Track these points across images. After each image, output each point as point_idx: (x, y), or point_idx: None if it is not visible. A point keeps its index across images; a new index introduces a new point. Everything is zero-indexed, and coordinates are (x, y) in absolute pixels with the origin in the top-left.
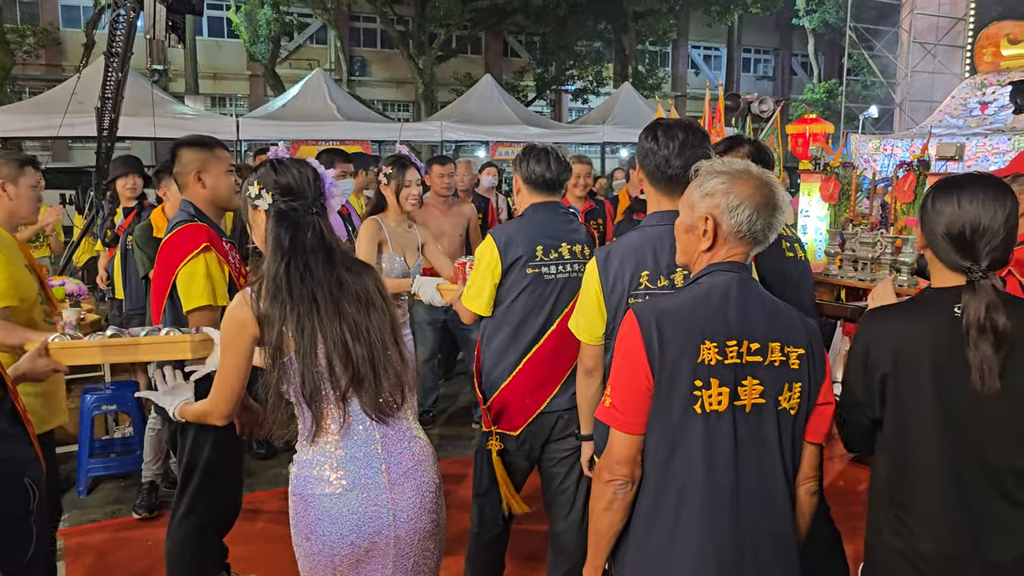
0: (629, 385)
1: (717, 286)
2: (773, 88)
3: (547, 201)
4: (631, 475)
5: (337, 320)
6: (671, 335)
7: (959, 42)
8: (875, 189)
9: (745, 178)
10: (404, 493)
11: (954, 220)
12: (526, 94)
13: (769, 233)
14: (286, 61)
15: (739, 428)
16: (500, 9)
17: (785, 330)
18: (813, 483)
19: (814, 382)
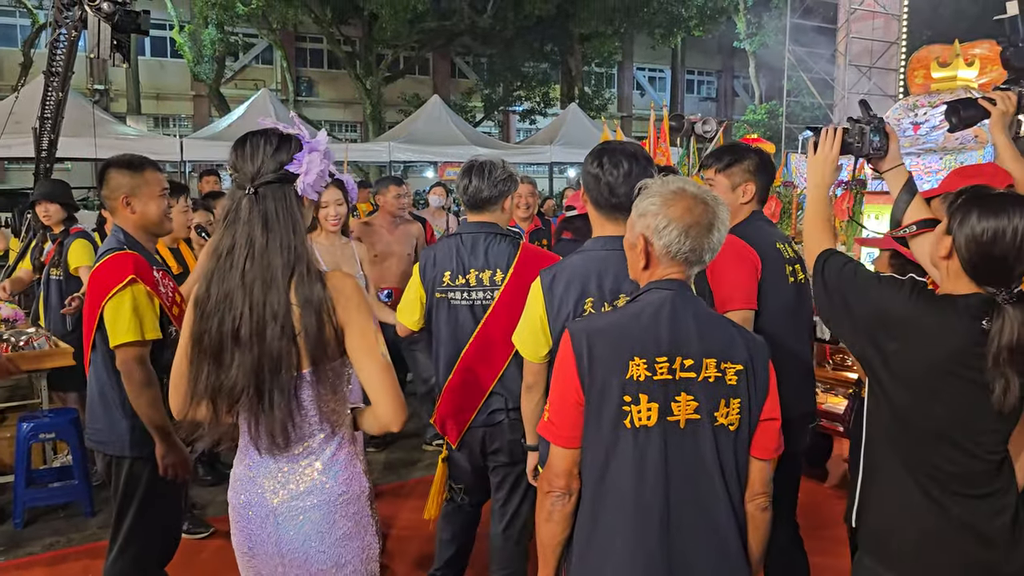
0: (562, 400)
1: (651, 304)
2: (716, 109)
3: (477, 220)
4: (567, 487)
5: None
6: (600, 352)
7: (892, 65)
8: None
9: (677, 199)
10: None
11: (1000, 240)
12: (474, 115)
13: (702, 255)
14: (231, 81)
15: (671, 443)
16: (448, 31)
17: (721, 346)
18: (763, 499)
19: (755, 398)
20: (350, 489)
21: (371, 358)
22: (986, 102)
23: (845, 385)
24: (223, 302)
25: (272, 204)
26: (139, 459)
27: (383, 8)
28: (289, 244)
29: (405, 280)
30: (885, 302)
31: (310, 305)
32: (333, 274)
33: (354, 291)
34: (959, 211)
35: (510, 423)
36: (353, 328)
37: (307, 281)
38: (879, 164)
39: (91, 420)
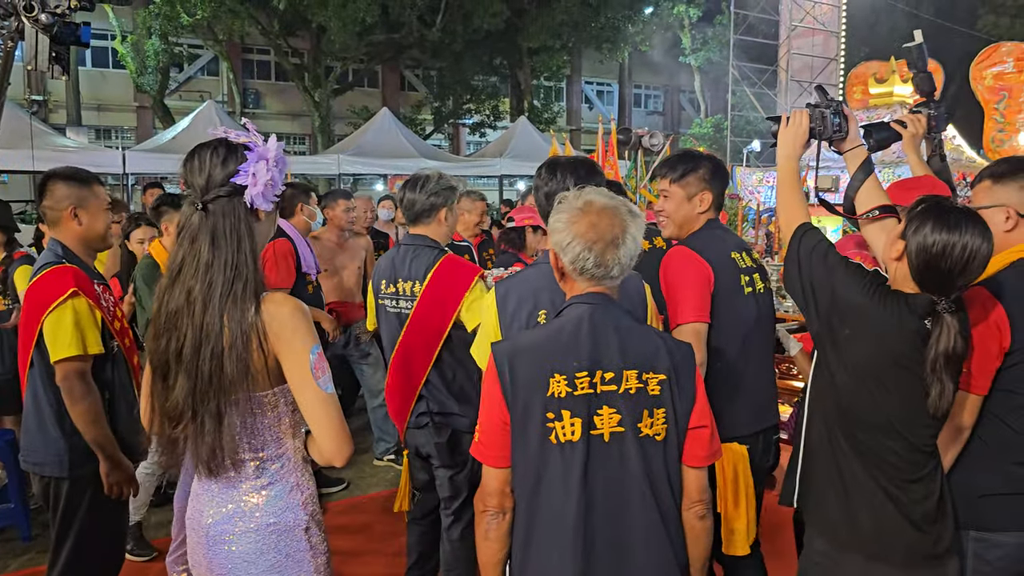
0: (489, 421)
1: (571, 319)
2: (663, 123)
3: (413, 232)
4: (501, 506)
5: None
6: (522, 371)
7: (832, 80)
8: (760, 219)
9: (582, 215)
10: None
11: (948, 255)
12: (424, 127)
13: (610, 269)
14: (176, 93)
15: (596, 457)
16: (396, 44)
17: (643, 357)
18: (700, 507)
19: (680, 407)
20: (282, 520)
21: (307, 389)
22: (898, 125)
23: (791, 393)
24: (171, 321)
25: (221, 219)
26: (79, 479)
27: (331, 20)
28: (232, 262)
29: (353, 294)
30: (844, 288)
31: (238, 328)
32: (272, 297)
33: (291, 316)
34: (916, 219)
35: (435, 427)
36: (287, 357)
37: (239, 302)
38: (840, 145)
39: (26, 441)
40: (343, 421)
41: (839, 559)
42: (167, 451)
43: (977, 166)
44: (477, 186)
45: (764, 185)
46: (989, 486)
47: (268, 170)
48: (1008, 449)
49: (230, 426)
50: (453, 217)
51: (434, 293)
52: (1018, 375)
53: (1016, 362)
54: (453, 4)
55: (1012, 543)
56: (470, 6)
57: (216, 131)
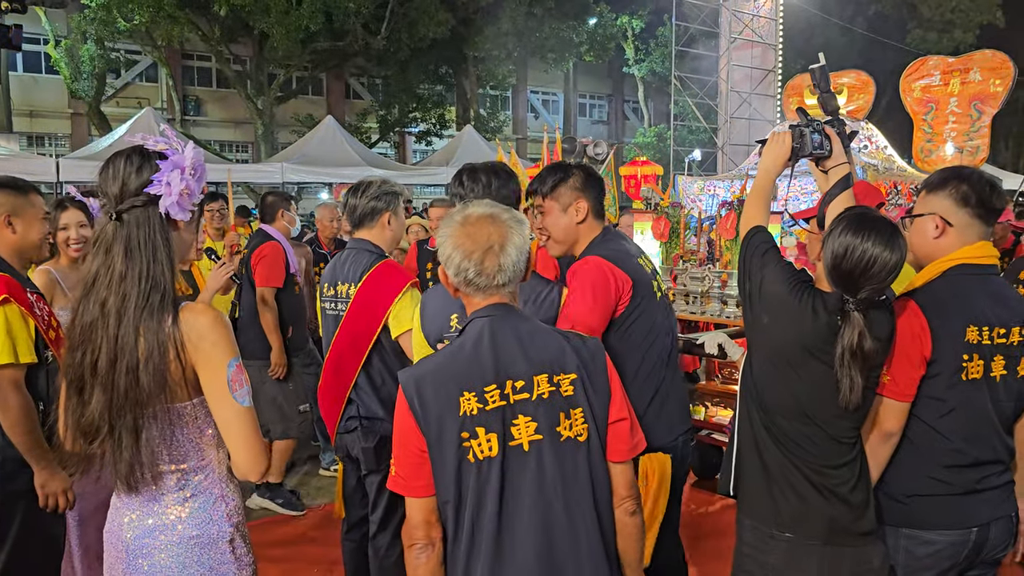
0: (405, 451)
1: (471, 336)
2: (608, 132)
3: (356, 237)
4: (427, 537)
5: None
6: (430, 395)
7: (770, 91)
8: (701, 227)
9: (461, 226)
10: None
11: (849, 257)
12: (370, 136)
13: (494, 277)
14: (113, 99)
15: (516, 469)
16: (341, 51)
17: (550, 360)
18: (630, 502)
19: (596, 403)
20: (205, 533)
21: (223, 402)
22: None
23: (733, 397)
24: (85, 334)
25: (135, 231)
26: (10, 494)
27: (274, 27)
28: (147, 272)
29: None
30: (770, 280)
31: (154, 340)
32: (191, 307)
33: (211, 327)
34: (837, 223)
35: (363, 431)
36: (204, 368)
37: (155, 313)
38: (824, 163)
39: None
40: (259, 436)
41: (765, 545)
42: (82, 468)
43: (908, 175)
44: (424, 195)
45: (706, 193)
46: (919, 487)
47: (183, 179)
48: (937, 454)
49: (149, 440)
50: (398, 222)
51: (365, 297)
52: (943, 383)
53: (939, 371)
54: (398, 12)
55: (941, 540)
56: (415, 14)
57: (133, 138)
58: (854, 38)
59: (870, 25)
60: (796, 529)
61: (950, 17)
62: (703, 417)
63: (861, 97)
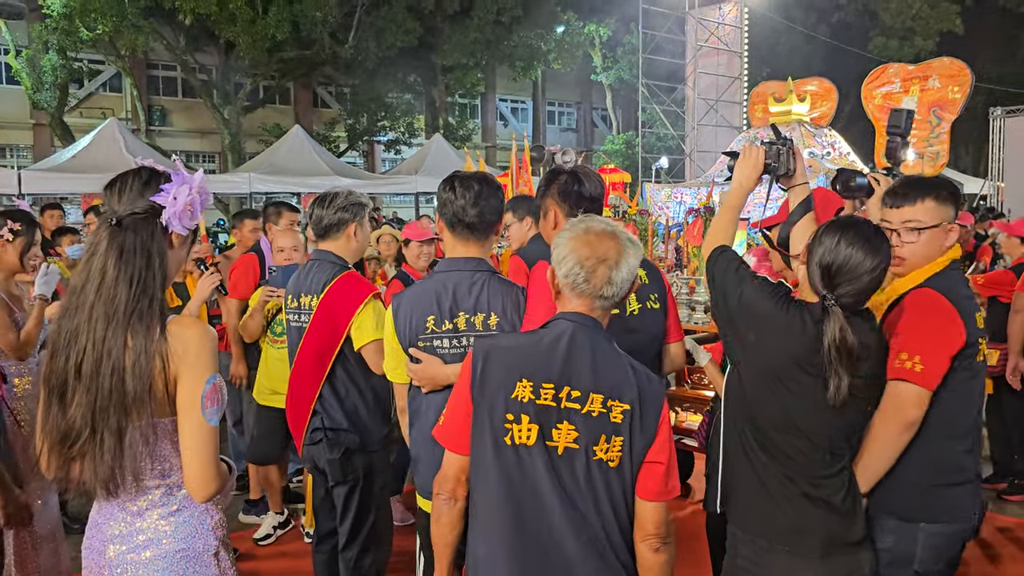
0: (455, 408)
1: (553, 332)
2: (577, 139)
3: (319, 248)
4: (453, 493)
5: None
6: (493, 368)
7: (736, 99)
8: (669, 234)
9: (578, 233)
10: None
11: (826, 255)
12: (338, 145)
13: (602, 288)
14: (76, 109)
15: (548, 466)
16: (308, 60)
17: (611, 383)
18: (655, 540)
19: (638, 439)
20: (191, 547)
21: (191, 415)
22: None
23: (703, 403)
24: (70, 338)
25: (131, 236)
26: None
27: (240, 36)
28: (140, 278)
29: None
30: (751, 298)
31: (142, 344)
32: (179, 320)
33: (197, 339)
34: (821, 228)
35: (328, 443)
36: (184, 378)
37: (143, 319)
38: (786, 181)
39: None
40: (216, 458)
41: (762, 560)
42: (60, 476)
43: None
44: (394, 204)
45: (673, 200)
46: (940, 477)
47: (189, 195)
48: (955, 442)
49: (132, 446)
50: (364, 234)
51: (328, 309)
52: (965, 370)
53: (966, 358)
54: (365, 21)
55: (953, 530)
56: (382, 23)
57: (145, 160)
58: (817, 45)
59: (833, 32)
60: (794, 541)
61: (911, 25)
62: (673, 422)
63: (824, 104)
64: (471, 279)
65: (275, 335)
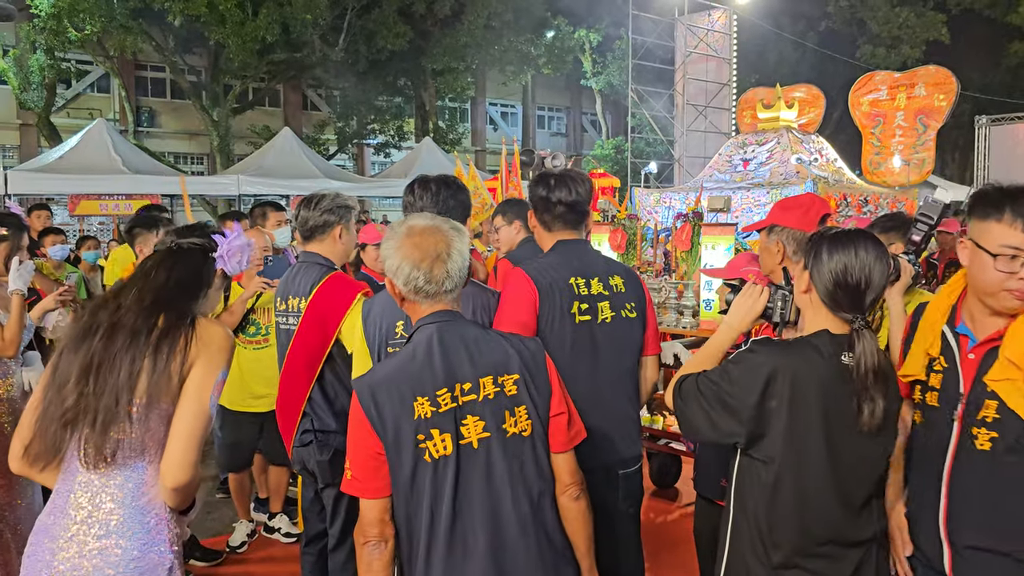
0: (362, 455)
1: (420, 342)
2: (566, 144)
3: (305, 250)
4: (381, 535)
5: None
6: (385, 401)
7: (725, 105)
8: (657, 239)
9: (406, 238)
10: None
11: (850, 273)
12: (327, 148)
13: (441, 284)
14: (64, 110)
15: (467, 464)
16: (298, 63)
17: (494, 362)
18: (574, 488)
19: (539, 400)
20: (145, 556)
21: (196, 397)
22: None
23: None
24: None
25: (186, 255)
26: None
27: (230, 38)
28: (184, 282)
29: None
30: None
31: (167, 330)
32: (209, 319)
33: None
34: (811, 250)
35: (318, 445)
36: (199, 364)
37: (175, 312)
38: (788, 332)
39: None
40: (199, 449)
41: None
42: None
43: (857, 187)
44: (383, 207)
45: (662, 205)
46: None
47: (242, 243)
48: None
49: (133, 421)
50: (350, 236)
51: (316, 310)
52: None
53: None
54: (356, 24)
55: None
56: (373, 26)
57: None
58: (806, 53)
59: (821, 40)
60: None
61: (898, 33)
62: (660, 426)
63: (812, 111)
64: None
65: (248, 336)
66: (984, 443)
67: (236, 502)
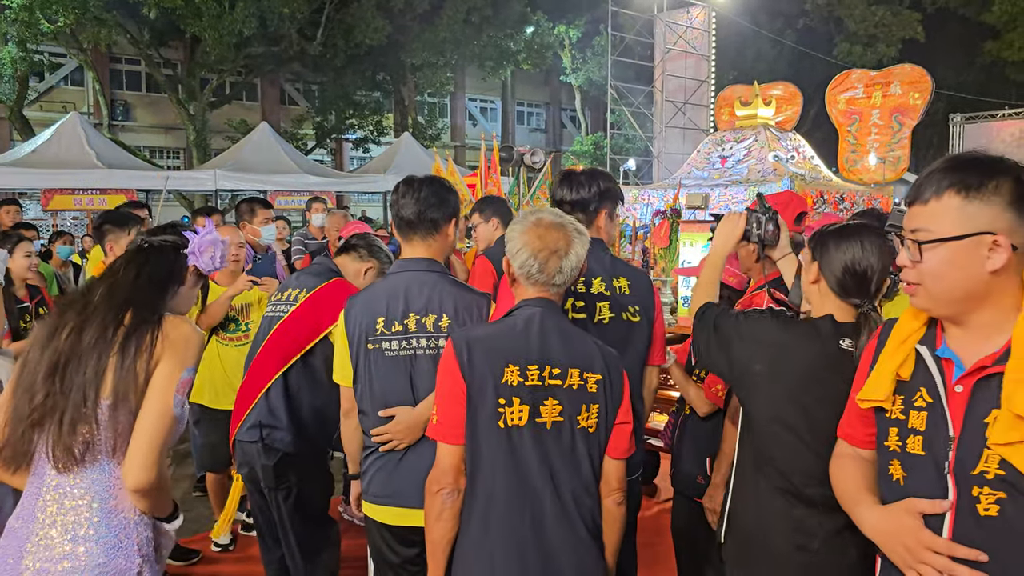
0: (450, 399)
1: (522, 318)
2: (546, 140)
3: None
4: (456, 483)
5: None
6: (478, 357)
7: (704, 102)
8: (636, 236)
9: (531, 226)
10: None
11: (857, 261)
12: (305, 142)
13: (554, 276)
14: (36, 103)
15: (539, 442)
16: (276, 56)
17: (584, 358)
18: (619, 494)
19: (611, 404)
20: (111, 561)
21: (159, 400)
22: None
23: (668, 403)
24: (75, 308)
25: (156, 252)
26: None
27: (206, 31)
28: (154, 279)
29: None
30: (752, 330)
31: (134, 328)
32: (176, 316)
33: (191, 332)
34: (818, 245)
35: (263, 446)
36: (164, 362)
37: (144, 309)
38: (771, 251)
39: None
40: (162, 450)
41: None
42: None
43: (833, 185)
44: (361, 203)
45: (640, 202)
46: None
47: (215, 240)
48: None
49: (100, 420)
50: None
51: (314, 304)
52: None
53: None
54: (334, 18)
55: None
56: (352, 21)
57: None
58: (783, 50)
59: (799, 38)
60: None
61: (874, 32)
62: None
63: (789, 108)
64: (421, 280)
65: (228, 333)
66: (989, 506)
67: (213, 502)
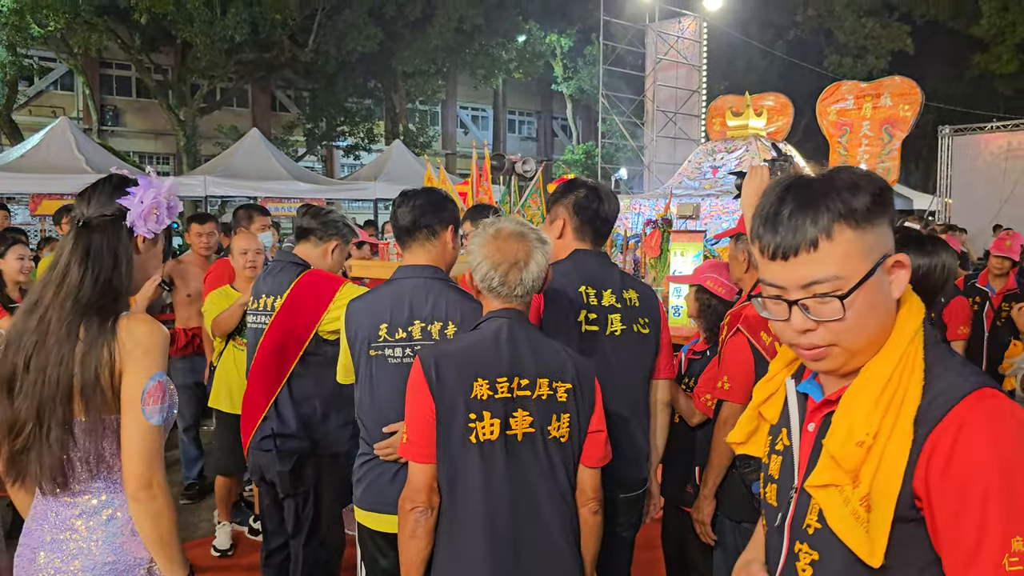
0: (419, 418)
1: (490, 331)
2: (537, 148)
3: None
4: (428, 502)
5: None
6: (447, 374)
7: (695, 112)
8: (627, 245)
9: (490, 238)
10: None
11: (937, 274)
12: (296, 149)
13: (515, 288)
14: (25, 107)
15: (512, 455)
16: (267, 63)
17: (553, 367)
18: (594, 503)
19: (583, 413)
20: (120, 559)
21: (131, 412)
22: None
23: None
24: (24, 331)
25: (98, 236)
26: None
27: (197, 37)
28: (103, 278)
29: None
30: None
31: (94, 337)
32: (131, 315)
33: (147, 334)
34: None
35: (278, 453)
36: (128, 375)
37: (102, 316)
38: None
39: None
40: (155, 459)
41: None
42: (10, 470)
43: None
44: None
45: (631, 212)
46: None
47: (155, 200)
48: None
49: (77, 440)
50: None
51: (293, 305)
52: None
53: None
54: (326, 25)
55: None
56: (343, 28)
57: (120, 169)
58: (774, 61)
59: (790, 49)
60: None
61: (864, 43)
62: None
63: (781, 119)
64: (426, 287)
65: (244, 338)
66: (805, 567)
67: (219, 505)
